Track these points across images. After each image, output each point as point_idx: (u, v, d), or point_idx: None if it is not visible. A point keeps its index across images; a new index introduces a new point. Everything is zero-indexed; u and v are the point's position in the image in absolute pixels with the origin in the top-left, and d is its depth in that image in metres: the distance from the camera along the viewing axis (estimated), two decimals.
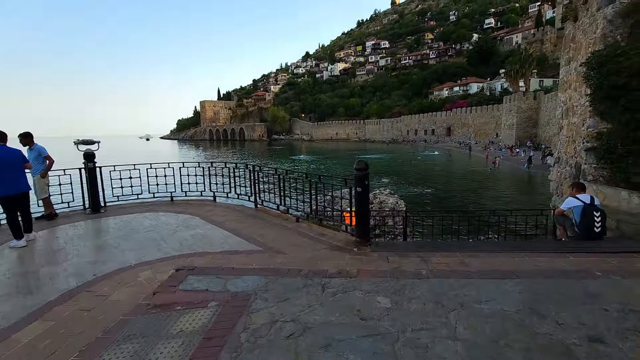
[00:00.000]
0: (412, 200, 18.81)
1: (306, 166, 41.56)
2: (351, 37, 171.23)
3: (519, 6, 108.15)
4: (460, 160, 42.05)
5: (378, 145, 79.34)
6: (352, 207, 4.89)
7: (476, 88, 76.49)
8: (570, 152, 6.97)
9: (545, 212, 6.45)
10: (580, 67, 6.40)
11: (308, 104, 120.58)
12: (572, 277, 3.19)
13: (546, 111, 44.31)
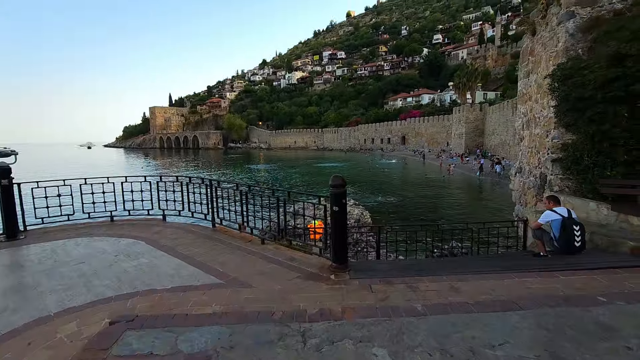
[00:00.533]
0: (376, 210, 18.75)
1: (265, 176, 40.50)
2: (308, 46, 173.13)
3: (463, 24, 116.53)
4: (416, 168, 43.51)
5: (336, 154, 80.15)
6: (326, 226, 4.35)
7: (427, 99, 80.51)
8: (534, 162, 7.07)
9: (516, 224, 6.40)
10: (544, 80, 6.50)
11: (266, 112, 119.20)
12: (575, 303, 2.91)
13: (491, 122, 47.54)
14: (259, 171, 46.20)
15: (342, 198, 3.92)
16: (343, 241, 4.03)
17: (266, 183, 33.81)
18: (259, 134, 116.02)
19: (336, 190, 3.90)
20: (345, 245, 4.06)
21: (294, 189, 23.33)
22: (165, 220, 6.52)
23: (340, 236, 4.00)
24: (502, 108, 42.74)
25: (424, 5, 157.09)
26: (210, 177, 32.83)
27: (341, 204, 3.91)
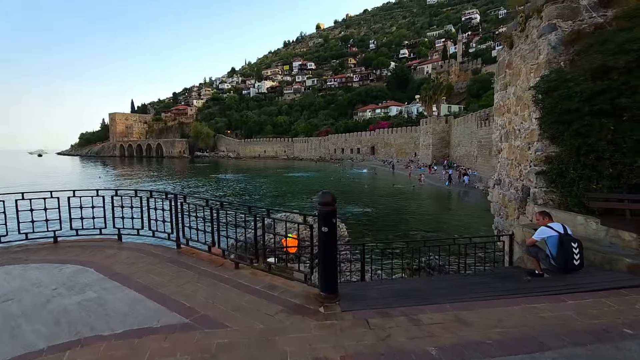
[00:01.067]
0: (351, 222, 18.37)
1: (234, 187, 39.19)
2: (278, 56, 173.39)
3: (428, 41, 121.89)
4: (385, 178, 44.04)
5: (306, 163, 79.82)
6: (312, 247, 3.83)
7: (395, 111, 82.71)
8: (515, 174, 6.99)
9: (501, 239, 6.21)
10: (527, 91, 6.45)
11: (234, 121, 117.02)
12: (604, 339, 2.58)
13: (456, 134, 49.42)
14: (227, 181, 44.69)
15: (332, 217, 3.43)
16: (333, 267, 3.52)
17: (236, 195, 32.64)
18: (228, 143, 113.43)
19: (325, 209, 3.41)
20: (336, 272, 3.56)
21: (269, 202, 22.64)
22: (121, 241, 5.68)
23: (330, 261, 3.50)
24: (467, 121, 44.55)
25: (391, 22, 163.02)
26: (175, 189, 31.19)
27: (331, 224, 3.42)
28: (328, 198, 3.41)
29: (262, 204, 26.61)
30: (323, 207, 3.41)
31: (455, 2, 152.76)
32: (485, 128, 29.52)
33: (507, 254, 6.09)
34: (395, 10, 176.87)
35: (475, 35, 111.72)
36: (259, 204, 26.60)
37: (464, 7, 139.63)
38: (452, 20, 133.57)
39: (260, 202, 27.42)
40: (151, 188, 31.97)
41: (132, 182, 41.58)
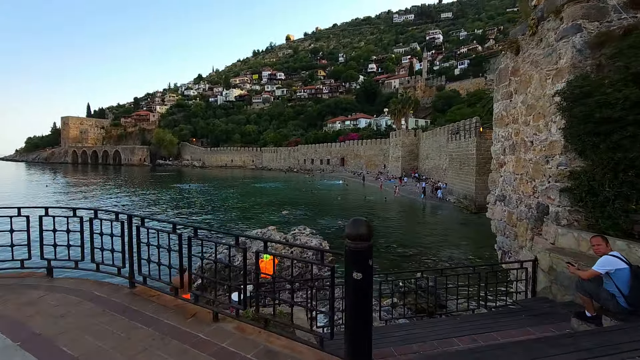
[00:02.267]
0: (335, 237, 17.14)
1: (200, 198, 36.85)
2: (247, 64, 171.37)
3: (394, 57, 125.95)
4: (357, 190, 43.63)
5: (275, 174, 78.17)
6: (332, 297, 2.71)
7: (365, 123, 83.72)
8: (527, 191, 6.33)
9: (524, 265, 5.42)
10: (542, 100, 5.82)
11: (200, 128, 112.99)
12: None
13: (425, 147, 50.38)
14: (191, 191, 42.07)
15: (368, 258, 2.35)
16: (367, 330, 2.41)
17: (201, 207, 30.49)
18: (193, 151, 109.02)
19: (358, 245, 2.33)
20: (370, 337, 2.44)
21: (237, 215, 20.82)
22: (51, 277, 4.22)
23: (363, 322, 2.39)
24: (435, 134, 45.51)
25: (359, 37, 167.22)
26: (131, 205, 28.37)
27: (366, 268, 2.34)
28: (362, 229, 2.33)
29: (230, 216, 24.94)
30: (354, 242, 2.32)
31: (419, 22, 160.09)
32: (456, 142, 29.96)
33: (529, 282, 5.30)
34: (364, 27, 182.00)
35: (438, 54, 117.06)
36: (228, 216, 24.91)
37: (428, 27, 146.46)
38: (417, 38, 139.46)
39: (228, 214, 25.68)
40: (101, 203, 29.33)
41: (80, 194, 37.26)
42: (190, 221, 21.94)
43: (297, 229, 11.34)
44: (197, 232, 3.44)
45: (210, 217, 24.18)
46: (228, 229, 19.91)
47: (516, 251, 6.83)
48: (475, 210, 25.36)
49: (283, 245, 10.36)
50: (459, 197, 28.99)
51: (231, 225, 21.35)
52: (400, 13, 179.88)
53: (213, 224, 21.86)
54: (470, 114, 52.64)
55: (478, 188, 25.71)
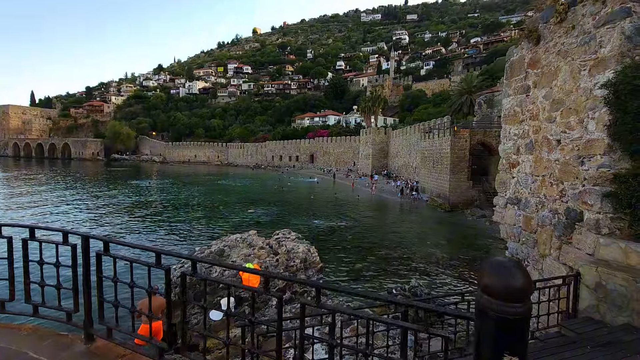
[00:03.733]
0: (321, 240, 16.09)
1: (158, 195, 34.25)
2: (211, 57, 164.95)
3: (362, 55, 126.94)
4: (328, 188, 42.94)
5: (242, 170, 75.68)
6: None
7: (334, 120, 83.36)
8: (552, 194, 5.74)
9: (566, 281, 4.76)
10: (574, 94, 5.20)
11: (161, 122, 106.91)
12: None
13: (395, 145, 50.80)
14: (151, 189, 39.09)
15: (523, 332, 1.37)
16: None
17: (163, 205, 28.18)
18: (152, 145, 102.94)
19: (510, 309, 1.34)
20: None
21: (203, 215, 18.87)
22: None
23: None
24: (405, 133, 45.93)
25: (327, 34, 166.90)
26: (83, 213, 24.98)
27: (523, 351, 1.36)
28: (517, 281, 1.34)
29: (195, 216, 23.13)
30: (507, 304, 1.34)
31: (386, 22, 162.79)
32: (429, 140, 30.10)
33: (568, 301, 4.66)
34: (332, 24, 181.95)
35: (405, 54, 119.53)
36: (192, 216, 23.09)
37: (394, 27, 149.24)
38: (384, 38, 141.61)
39: (193, 214, 23.81)
40: (42, 212, 25.87)
41: (13, 200, 26.98)
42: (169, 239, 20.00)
43: (281, 233, 10.24)
44: (195, 265, 2.30)
45: (173, 218, 22.23)
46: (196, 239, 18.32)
47: (536, 260, 6.26)
48: (449, 209, 25.55)
49: (267, 253, 9.23)
50: (432, 196, 29.15)
51: (198, 228, 19.67)
52: (367, 12, 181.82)
53: (179, 226, 20.04)
54: (437, 114, 53.91)
55: (452, 187, 25.91)
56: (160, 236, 17.32)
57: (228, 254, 9.07)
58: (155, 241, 16.09)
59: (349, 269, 13.04)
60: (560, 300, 4.85)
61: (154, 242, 15.97)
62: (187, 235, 17.68)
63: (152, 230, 18.59)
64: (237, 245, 9.35)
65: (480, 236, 19.18)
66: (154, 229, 18.79)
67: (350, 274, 12.43)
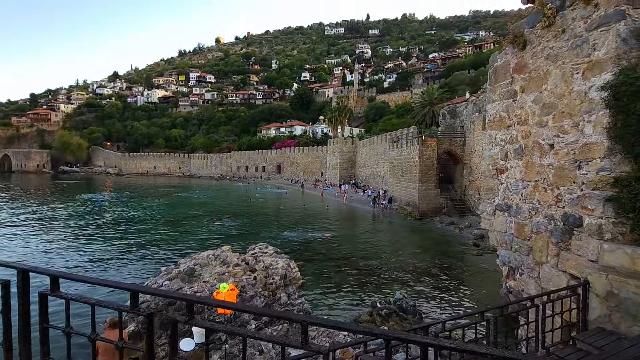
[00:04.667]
0: (295, 252, 15.25)
1: (113, 209, 31.70)
2: (172, 65, 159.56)
3: (327, 67, 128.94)
4: (297, 199, 42.25)
5: (206, 182, 72.88)
6: None
7: (300, 130, 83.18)
8: (547, 200, 5.63)
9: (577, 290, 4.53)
10: (567, 97, 5.13)
11: (116, 131, 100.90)
12: None
13: (362, 154, 51.38)
14: (105, 203, 36.11)
15: None
16: None
17: (120, 221, 25.98)
18: (107, 157, 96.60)
19: None
20: None
21: (164, 231, 17.31)
22: None
23: None
24: (372, 142, 46.62)
25: (292, 45, 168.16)
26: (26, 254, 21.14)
27: None
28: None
29: (157, 232, 21.47)
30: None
31: (349, 36, 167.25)
32: (397, 150, 30.59)
33: (578, 312, 4.43)
34: (296, 35, 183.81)
35: (368, 67, 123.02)
36: (154, 233, 21.42)
37: (357, 41, 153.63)
38: (348, 51, 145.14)
39: (155, 230, 22.09)
40: None
41: None
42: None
43: (258, 248, 9.45)
44: (192, 308, 1.67)
45: (132, 236, 20.35)
46: (161, 258, 16.89)
47: (531, 268, 6.09)
48: (418, 217, 25.87)
49: (243, 270, 8.41)
50: (401, 204, 29.46)
51: (162, 246, 18.14)
52: (331, 26, 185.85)
53: (140, 244, 18.38)
54: (401, 124, 55.48)
55: (421, 195, 26.32)
56: (119, 258, 15.42)
57: (199, 273, 8.15)
58: (113, 266, 14.21)
59: (328, 283, 12.46)
60: (566, 313, 4.62)
61: (112, 267, 14.09)
62: (151, 254, 16.10)
63: (108, 252, 16.45)
64: (209, 263, 8.45)
65: (452, 243, 19.43)
66: (110, 251, 16.61)
67: (331, 288, 11.86)
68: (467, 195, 26.90)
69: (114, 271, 13.39)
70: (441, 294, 11.67)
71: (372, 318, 8.96)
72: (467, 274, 13.88)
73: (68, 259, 15.02)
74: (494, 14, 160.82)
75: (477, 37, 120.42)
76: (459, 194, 27.73)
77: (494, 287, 12.67)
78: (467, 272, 14.24)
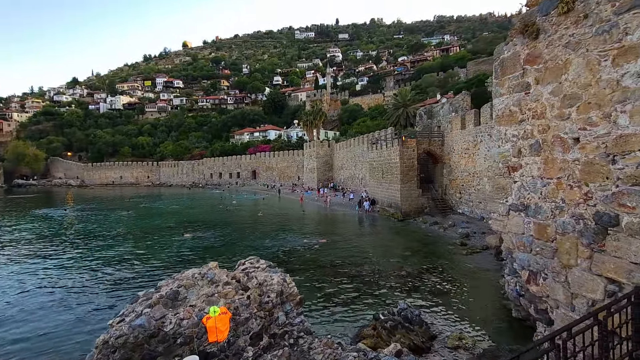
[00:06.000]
0: (281, 262, 14.23)
1: (75, 225, 29.29)
2: (137, 70, 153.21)
3: (299, 71, 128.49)
4: (275, 205, 41.16)
5: (177, 190, 69.95)
6: None
7: (274, 134, 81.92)
8: (575, 197, 5.22)
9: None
10: (595, 87, 4.73)
11: (77, 140, 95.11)
12: None
13: (339, 157, 51.09)
14: (66, 218, 33.31)
15: None
16: None
17: (81, 237, 23.85)
18: (67, 168, 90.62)
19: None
20: None
21: (131, 246, 15.25)
22: None
23: None
24: (350, 145, 46.40)
25: (262, 49, 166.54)
26: None
27: None
28: None
29: (125, 249, 19.82)
30: None
31: (320, 40, 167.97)
32: (377, 151, 30.41)
33: (621, 329, 3.97)
34: (266, 40, 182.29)
35: (340, 71, 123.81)
36: (122, 249, 19.77)
37: (328, 45, 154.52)
38: (319, 55, 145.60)
39: (122, 246, 20.33)
40: None
41: None
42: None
43: (248, 263, 8.53)
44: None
45: (100, 255, 18.48)
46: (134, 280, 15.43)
47: (557, 272, 5.65)
48: (401, 218, 25.67)
49: (234, 289, 7.49)
50: (383, 206, 29.23)
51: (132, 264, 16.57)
52: (301, 30, 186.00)
53: (110, 264, 16.73)
54: (375, 126, 55.82)
55: (403, 195, 26.18)
56: (81, 284, 13.34)
57: (185, 296, 7.13)
58: (73, 295, 12.21)
59: (321, 293, 11.71)
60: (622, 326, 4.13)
61: (72, 296, 12.08)
62: (121, 276, 14.34)
63: (68, 276, 14.19)
64: (196, 284, 7.44)
65: (438, 243, 19.25)
66: (71, 275, 14.31)
67: (325, 299, 11.10)
68: (448, 194, 27.07)
69: (74, 301, 11.39)
70: (440, 299, 11.22)
71: (376, 332, 8.30)
72: (460, 275, 13.57)
73: (17, 288, 13.08)
74: (457, 19, 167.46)
75: (443, 41, 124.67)
76: (440, 193, 27.88)
77: (490, 288, 12.44)
78: (460, 273, 13.94)
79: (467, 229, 20.87)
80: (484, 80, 53.90)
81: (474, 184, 23.58)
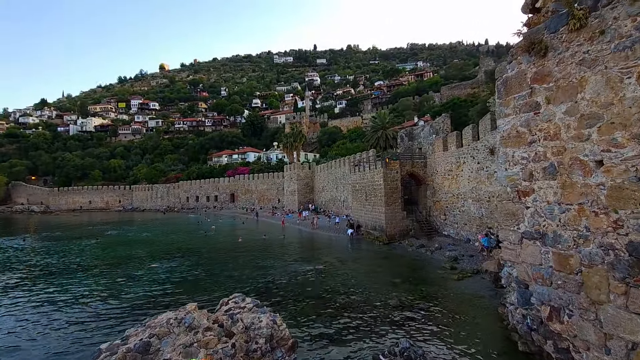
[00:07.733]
0: (266, 294, 13.02)
1: (34, 258, 26.77)
2: (111, 92, 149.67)
3: (278, 94, 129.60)
4: (255, 229, 39.68)
5: (151, 215, 66.72)
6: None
7: (253, 157, 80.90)
8: (602, 226, 4.75)
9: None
10: (619, 105, 4.37)
11: (43, 164, 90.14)
12: None
13: (320, 179, 50.59)
14: (25, 250, 30.44)
15: None
16: None
17: (35, 266, 21.61)
18: (31, 192, 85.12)
19: None
20: None
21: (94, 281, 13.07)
22: None
23: None
24: (330, 167, 46.10)
25: (241, 73, 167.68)
26: None
27: None
28: None
29: (89, 286, 18.00)
30: None
31: (298, 65, 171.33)
32: (360, 173, 30.10)
33: None
34: (245, 63, 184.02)
35: (318, 94, 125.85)
36: (87, 288, 17.96)
37: (306, 69, 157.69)
38: (297, 79, 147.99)
39: (82, 283, 18.42)
40: None
41: None
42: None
43: (232, 302, 7.53)
44: None
45: (61, 293, 16.43)
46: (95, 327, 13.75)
47: (585, 308, 5.10)
48: (387, 241, 25.10)
49: (217, 336, 6.46)
50: (367, 229, 28.62)
51: (95, 303, 14.82)
52: (280, 55, 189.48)
53: (63, 301, 14.92)
54: (355, 149, 56.11)
55: (388, 218, 25.73)
56: (38, 328, 11.45)
57: (157, 348, 6.04)
58: (25, 342, 10.58)
59: (311, 329, 10.70)
60: None
61: (23, 342, 10.52)
62: (81, 319, 12.45)
63: (20, 319, 12.27)
64: (171, 332, 6.37)
65: (427, 268, 18.70)
66: (23, 317, 12.45)
67: (321, 338, 10.09)
68: (433, 216, 26.87)
69: (25, 354, 9.66)
70: (438, 331, 10.48)
71: None
72: (455, 304, 12.94)
73: None
74: (429, 47, 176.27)
75: (417, 67, 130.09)
76: (424, 215, 27.64)
77: (488, 317, 11.78)
78: (455, 301, 13.32)
79: (454, 251, 20.50)
80: (459, 104, 55.80)
81: (458, 206, 23.49)
